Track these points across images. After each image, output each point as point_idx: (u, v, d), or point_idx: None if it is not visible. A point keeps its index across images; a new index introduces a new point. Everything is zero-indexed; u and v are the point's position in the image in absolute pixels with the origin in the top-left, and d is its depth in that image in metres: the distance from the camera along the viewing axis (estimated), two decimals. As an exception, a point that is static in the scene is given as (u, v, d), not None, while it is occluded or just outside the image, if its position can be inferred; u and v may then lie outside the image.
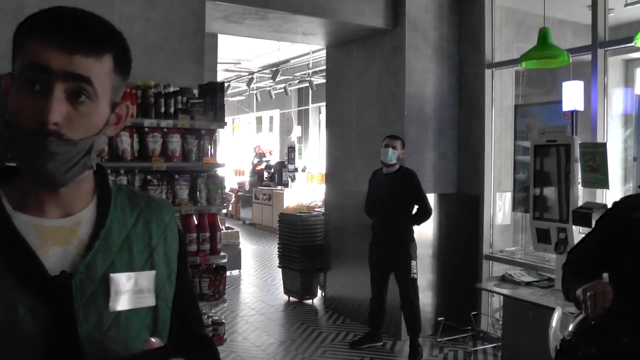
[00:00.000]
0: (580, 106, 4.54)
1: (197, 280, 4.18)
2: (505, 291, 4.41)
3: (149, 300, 1.12)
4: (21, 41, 1.01)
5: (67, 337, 1.01)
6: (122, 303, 1.08)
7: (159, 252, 1.17)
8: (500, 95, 5.85)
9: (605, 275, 2.22)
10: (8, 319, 0.98)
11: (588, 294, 1.92)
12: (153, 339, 1.01)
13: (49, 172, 1.00)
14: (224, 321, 4.36)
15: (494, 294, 5.19)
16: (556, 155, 4.39)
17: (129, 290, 1.09)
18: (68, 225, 1.09)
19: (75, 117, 1.00)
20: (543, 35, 4.43)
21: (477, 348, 5.53)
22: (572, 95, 4.52)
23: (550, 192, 4.46)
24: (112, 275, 1.07)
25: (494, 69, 5.78)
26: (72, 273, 1.04)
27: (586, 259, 2.30)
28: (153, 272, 1.14)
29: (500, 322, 5.09)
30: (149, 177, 3.98)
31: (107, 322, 1.05)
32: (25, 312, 0.99)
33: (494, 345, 5.49)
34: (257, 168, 15.85)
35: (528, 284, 4.48)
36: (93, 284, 1.05)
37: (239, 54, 11.67)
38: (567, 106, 4.58)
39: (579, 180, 4.28)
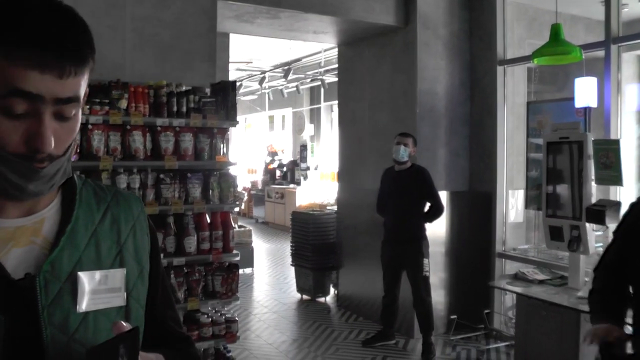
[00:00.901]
0: (593, 103, 4.51)
1: (210, 278, 4.21)
2: (518, 289, 4.39)
3: (119, 300, 1.06)
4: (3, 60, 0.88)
5: (31, 342, 0.95)
6: (90, 303, 1.01)
7: (129, 249, 1.10)
8: (512, 92, 5.82)
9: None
10: None
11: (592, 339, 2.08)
12: (123, 323, 0.95)
13: (36, 192, 0.96)
14: (237, 319, 4.38)
15: (507, 292, 5.16)
16: (569, 153, 4.36)
17: (98, 290, 1.02)
18: (30, 224, 1.02)
19: (62, 132, 0.95)
20: (555, 31, 4.40)
21: (490, 346, 5.51)
22: (585, 92, 4.49)
23: (563, 189, 4.44)
24: (79, 273, 1.00)
25: (505, 66, 5.75)
26: (36, 275, 0.96)
27: (609, 281, 2.27)
28: (123, 270, 1.07)
29: (513, 321, 5.06)
30: (161, 175, 4.01)
31: (74, 324, 0.98)
32: None
33: (506, 343, 5.47)
34: (269, 167, 15.89)
35: (541, 282, 4.46)
36: (59, 283, 0.98)
37: (251, 53, 11.69)
38: (579, 103, 4.55)
39: (592, 177, 4.25)
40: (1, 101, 0.89)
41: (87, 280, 1.01)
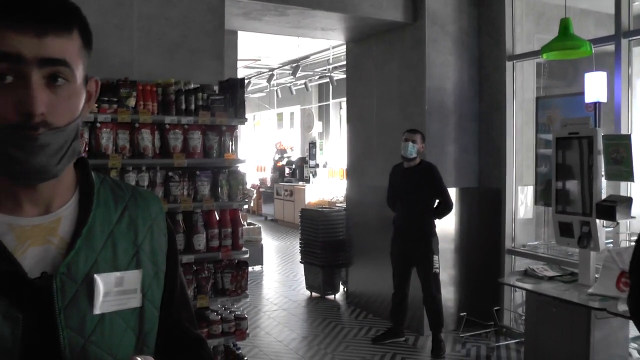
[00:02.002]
0: (603, 97, 4.47)
1: (219, 275, 4.21)
2: (527, 286, 4.36)
3: (135, 301, 1.05)
4: None
5: (48, 344, 0.95)
6: (106, 305, 1.01)
7: (145, 250, 1.09)
8: (521, 87, 5.79)
9: None
10: None
11: None
12: (139, 358, 0.94)
13: (41, 166, 0.93)
14: (246, 316, 4.38)
15: (517, 288, 5.14)
16: (579, 148, 4.33)
17: (114, 291, 1.02)
18: (47, 223, 1.01)
19: (57, 102, 0.92)
20: (564, 25, 4.36)
21: (500, 343, 5.50)
22: (595, 87, 4.45)
23: (572, 185, 4.41)
24: (95, 275, 1.00)
25: (514, 61, 5.72)
26: (52, 274, 0.96)
27: None
28: (139, 272, 1.06)
29: (523, 318, 5.05)
30: (170, 173, 4.01)
31: (90, 326, 0.98)
32: (2, 319, 0.91)
33: (516, 340, 5.45)
34: (278, 164, 15.90)
35: (551, 278, 4.43)
36: (75, 285, 0.98)
37: (259, 50, 11.69)
38: (589, 98, 4.51)
39: (603, 172, 4.22)
40: None
41: (103, 282, 1.01)
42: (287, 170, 15.39)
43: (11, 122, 0.89)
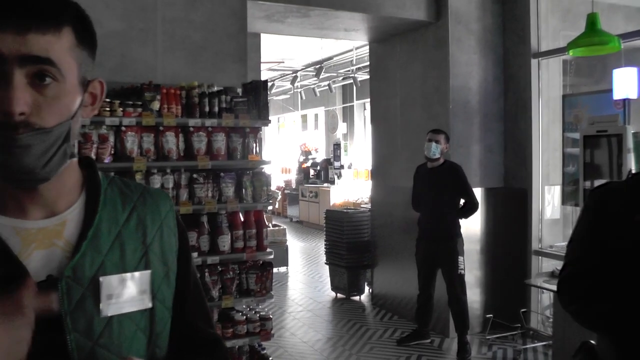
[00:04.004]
0: (633, 94, 4.38)
1: (244, 276, 4.23)
2: (555, 287, 4.29)
3: (144, 303, 1.04)
4: None
5: (55, 347, 0.94)
6: (114, 308, 0.99)
7: (155, 250, 1.07)
8: (547, 85, 5.71)
9: None
10: None
11: None
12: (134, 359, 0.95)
13: (26, 169, 0.89)
14: (271, 317, 4.39)
15: (544, 290, 5.06)
16: (607, 146, 4.26)
17: (122, 294, 1.00)
18: (52, 226, 1.00)
19: (44, 102, 0.89)
20: (591, 21, 4.27)
21: (527, 346, 5.42)
22: (625, 83, 4.37)
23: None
24: (101, 278, 0.99)
25: (540, 59, 5.63)
26: (58, 277, 0.96)
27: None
28: (148, 272, 1.05)
29: (551, 320, 4.97)
30: (194, 175, 4.05)
31: (98, 329, 0.98)
32: None
33: (544, 343, 5.37)
34: (303, 166, 15.93)
35: (579, 279, 4.35)
36: (81, 288, 0.97)
37: (282, 52, 11.74)
38: (618, 94, 4.43)
39: (633, 171, 4.14)
40: None
41: (110, 284, 0.99)
42: (311, 172, 15.40)
43: None
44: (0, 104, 0.86)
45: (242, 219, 4.23)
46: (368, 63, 7.51)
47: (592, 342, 1.79)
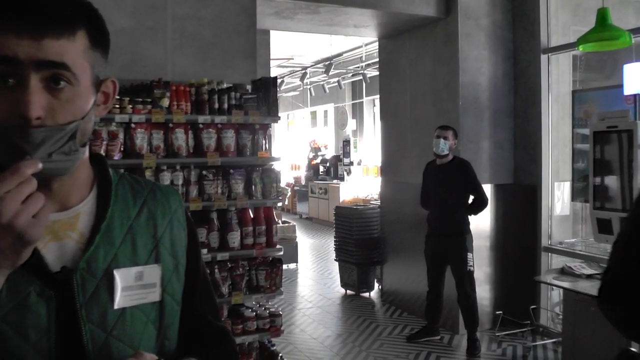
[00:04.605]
0: (644, 90, 4.36)
1: (253, 272, 4.25)
2: (565, 284, 4.28)
3: (154, 295, 1.07)
4: None
5: (71, 339, 0.97)
6: (126, 299, 1.02)
7: (165, 243, 1.10)
8: (557, 81, 5.67)
9: None
10: (21, 306, 0.94)
11: None
12: (146, 354, 0.97)
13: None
14: (281, 313, 4.40)
15: (554, 287, 5.05)
16: (617, 142, 4.23)
17: (134, 286, 1.03)
18: (66, 218, 1.02)
19: (58, 105, 0.91)
20: (602, 15, 4.24)
21: (537, 343, 5.41)
22: (635, 78, 4.34)
23: (611, 181, 4.30)
24: (115, 270, 1.02)
25: (550, 54, 5.60)
26: (72, 269, 0.99)
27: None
28: (158, 266, 1.08)
29: (561, 317, 4.96)
30: (204, 172, 4.06)
31: (112, 320, 1.00)
32: (37, 298, 0.95)
33: (554, 340, 5.35)
34: (312, 162, 15.93)
35: (589, 276, 4.34)
36: (95, 280, 1.00)
37: (292, 49, 11.74)
38: (629, 90, 4.40)
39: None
40: None
41: (123, 277, 1.02)
42: (321, 169, 15.40)
43: (10, 124, 0.88)
44: (17, 108, 0.88)
45: (251, 216, 4.24)
46: (377, 59, 7.50)
47: (634, 350, 1.67)
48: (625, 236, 1.53)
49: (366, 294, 7.32)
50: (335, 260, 7.68)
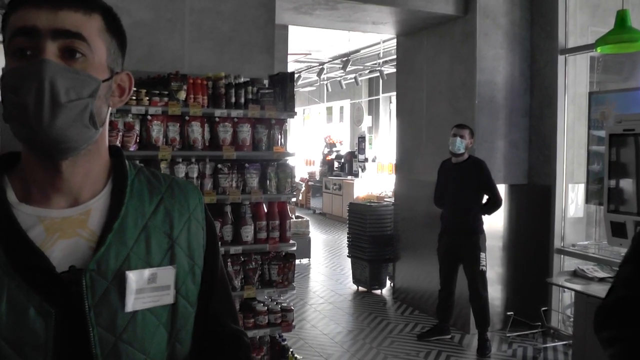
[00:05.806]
0: (662, 93, 4.32)
1: (266, 267, 4.27)
2: (577, 287, 4.26)
3: (167, 298, 1.02)
4: (8, 18, 0.94)
5: (79, 342, 0.93)
6: (138, 302, 0.98)
7: (181, 244, 1.05)
8: (573, 82, 5.63)
9: None
10: (19, 323, 0.90)
11: None
12: None
13: (53, 127, 0.90)
14: (292, 308, 4.43)
15: (566, 289, 5.02)
16: (634, 146, 4.19)
17: (146, 289, 0.98)
18: (76, 215, 0.99)
19: None
20: (621, 17, 4.21)
21: (547, 345, 5.39)
22: (654, 82, 4.30)
23: (627, 184, 4.27)
24: (127, 272, 0.97)
25: (567, 55, 5.56)
26: (81, 269, 0.94)
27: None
28: (173, 268, 1.03)
29: (572, 319, 4.93)
30: (219, 165, 4.09)
31: (122, 324, 0.96)
32: (35, 314, 0.90)
33: (564, 342, 5.33)
34: (327, 158, 15.94)
35: (601, 280, 4.32)
36: (105, 282, 0.95)
37: (310, 44, 11.75)
38: (647, 93, 4.36)
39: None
40: (10, 46, 0.93)
41: (135, 279, 0.98)
42: (336, 164, 15.41)
43: None
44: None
45: (265, 210, 4.27)
46: (395, 56, 7.49)
47: None
48: (629, 257, 1.48)
49: (378, 291, 7.33)
50: (347, 256, 7.70)
